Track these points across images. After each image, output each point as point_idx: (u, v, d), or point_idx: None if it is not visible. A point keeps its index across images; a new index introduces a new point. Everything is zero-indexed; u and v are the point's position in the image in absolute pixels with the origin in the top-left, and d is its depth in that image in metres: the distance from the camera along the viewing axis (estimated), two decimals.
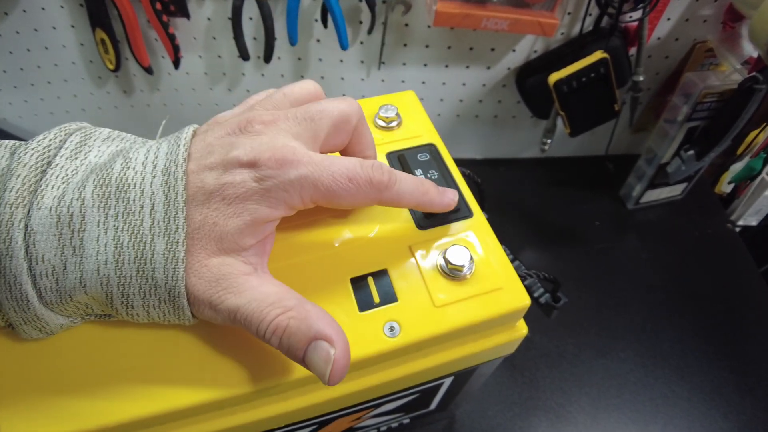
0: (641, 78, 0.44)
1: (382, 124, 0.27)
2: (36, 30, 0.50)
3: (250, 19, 0.45)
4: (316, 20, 0.45)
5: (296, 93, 0.20)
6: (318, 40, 0.47)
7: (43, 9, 0.48)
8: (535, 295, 0.33)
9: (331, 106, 0.19)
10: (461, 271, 0.20)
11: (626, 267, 0.51)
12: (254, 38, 0.47)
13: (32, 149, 0.16)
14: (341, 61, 0.49)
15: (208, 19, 0.46)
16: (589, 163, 0.59)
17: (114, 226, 0.16)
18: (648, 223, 0.55)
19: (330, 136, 0.19)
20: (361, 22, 0.45)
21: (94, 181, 0.16)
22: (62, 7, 0.47)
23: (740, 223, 0.59)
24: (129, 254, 0.16)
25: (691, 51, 0.46)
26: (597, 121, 0.46)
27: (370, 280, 0.20)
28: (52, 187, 0.16)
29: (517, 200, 0.58)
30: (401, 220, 0.22)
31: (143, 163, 0.17)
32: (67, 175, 0.17)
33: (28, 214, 0.16)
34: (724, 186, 0.40)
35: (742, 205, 0.58)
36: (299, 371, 0.18)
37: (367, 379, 0.20)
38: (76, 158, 0.17)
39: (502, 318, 0.20)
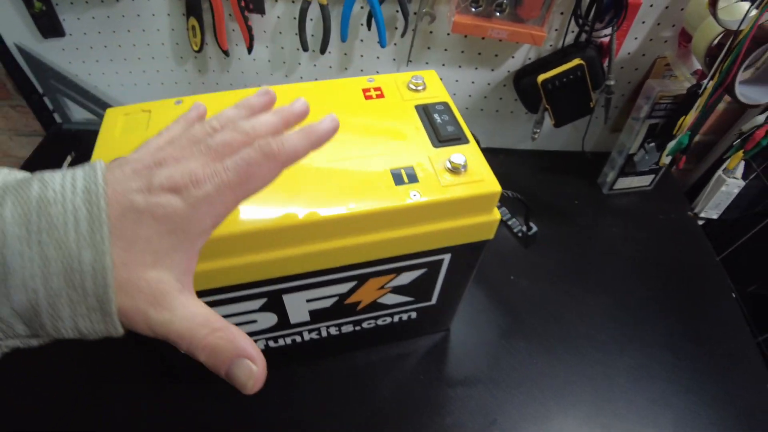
0: (612, 82, 0.56)
1: (413, 87, 0.39)
2: (138, 15, 0.63)
3: (311, 19, 0.58)
4: (362, 24, 0.58)
5: (198, 133, 0.21)
6: (361, 40, 0.60)
7: None
8: (512, 226, 0.44)
9: (227, 137, 0.20)
10: (459, 168, 0.32)
11: (600, 238, 0.62)
12: (312, 35, 0.60)
13: None
14: (378, 58, 0.62)
15: (278, 17, 0.59)
16: (572, 157, 0.71)
17: (38, 240, 0.16)
18: (620, 206, 0.66)
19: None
20: (396, 28, 0.58)
21: (11, 200, 0.16)
22: None
23: (702, 215, 0.69)
24: (56, 267, 0.16)
25: (654, 64, 0.58)
26: (576, 114, 0.58)
27: (402, 170, 0.32)
28: None
29: (512, 183, 0.68)
30: (422, 140, 0.34)
31: (61, 185, 0.17)
32: None
33: None
34: (664, 159, 0.51)
35: (704, 198, 0.68)
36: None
37: (399, 231, 0.31)
38: None
39: (482, 198, 0.32)
